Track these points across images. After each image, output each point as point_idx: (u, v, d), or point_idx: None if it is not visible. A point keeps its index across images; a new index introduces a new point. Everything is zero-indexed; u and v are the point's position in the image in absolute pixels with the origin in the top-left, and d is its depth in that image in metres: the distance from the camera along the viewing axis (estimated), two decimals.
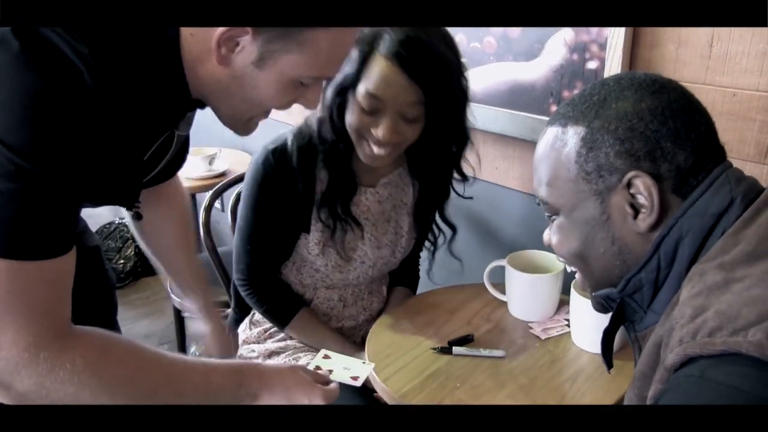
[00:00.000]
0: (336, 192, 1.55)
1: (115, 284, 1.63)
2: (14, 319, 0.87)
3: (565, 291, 1.52)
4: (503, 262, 1.58)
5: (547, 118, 1.74)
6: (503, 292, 1.61)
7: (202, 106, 1.07)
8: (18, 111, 0.82)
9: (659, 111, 0.84)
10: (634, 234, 0.86)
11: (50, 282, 0.90)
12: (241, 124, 1.07)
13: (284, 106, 1.03)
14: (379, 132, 1.41)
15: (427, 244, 1.78)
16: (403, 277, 1.84)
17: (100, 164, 0.95)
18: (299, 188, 1.53)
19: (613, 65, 1.61)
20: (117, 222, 3.74)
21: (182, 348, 2.64)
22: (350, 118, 1.43)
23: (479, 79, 1.94)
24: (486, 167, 2.06)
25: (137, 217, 1.33)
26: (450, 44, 1.42)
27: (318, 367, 1.23)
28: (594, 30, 1.64)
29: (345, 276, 1.65)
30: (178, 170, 1.42)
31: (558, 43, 1.73)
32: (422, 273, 1.89)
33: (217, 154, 2.81)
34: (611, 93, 0.87)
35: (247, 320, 1.80)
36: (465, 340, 1.47)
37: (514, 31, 1.81)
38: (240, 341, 1.79)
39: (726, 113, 1.49)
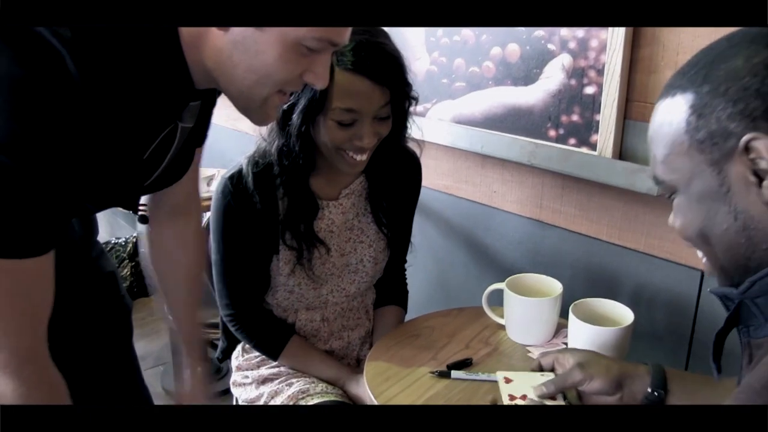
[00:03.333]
0: (297, 216, 1.56)
1: (131, 308, 1.60)
2: None
3: (564, 315, 1.52)
4: (502, 286, 1.58)
5: (545, 143, 1.78)
6: (502, 315, 1.61)
7: (208, 95, 1.04)
8: None
9: None
10: (760, 206, 0.76)
11: (21, 285, 0.87)
12: (256, 107, 1.02)
13: (293, 78, 0.98)
14: (362, 141, 1.43)
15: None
16: (390, 292, 1.83)
17: (91, 159, 0.90)
18: (261, 211, 1.53)
19: (611, 90, 1.63)
20: (113, 242, 3.73)
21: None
22: (325, 137, 1.44)
23: (478, 103, 1.95)
24: (484, 191, 2.07)
25: (143, 220, 1.30)
26: (387, 35, 1.45)
27: (512, 396, 1.23)
28: (592, 55, 1.65)
29: (319, 292, 1.64)
30: (186, 171, 1.31)
31: (556, 68, 1.74)
32: (421, 296, 1.89)
33: (215, 175, 2.81)
34: (720, 53, 0.78)
35: (239, 347, 1.79)
36: (463, 364, 1.47)
37: (513, 56, 1.83)
38: (233, 367, 1.78)
39: None
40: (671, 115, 0.82)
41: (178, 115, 1.08)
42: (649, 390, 1.14)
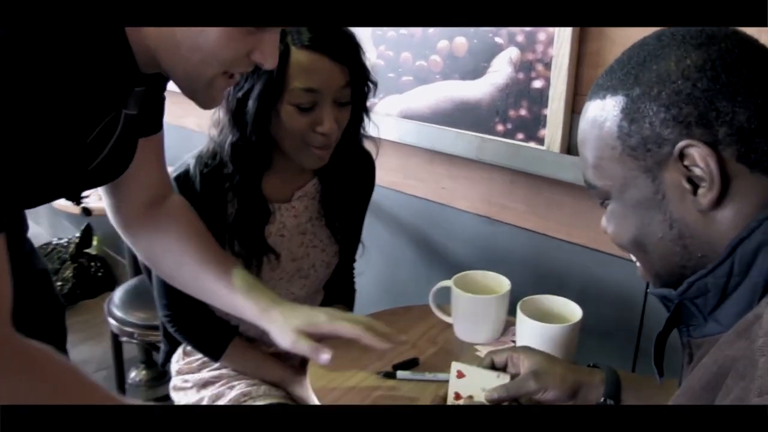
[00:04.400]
0: (247, 222, 1.49)
1: (65, 307, 1.52)
2: None
3: (512, 312, 1.49)
4: (449, 283, 1.55)
5: (492, 138, 1.76)
6: (449, 313, 1.58)
7: (155, 82, 0.99)
8: None
9: (708, 66, 0.72)
10: (696, 214, 0.75)
11: None
12: (201, 87, 0.96)
13: (239, 58, 0.94)
14: (326, 126, 1.37)
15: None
16: (337, 292, 1.78)
17: (30, 141, 0.85)
18: (207, 213, 1.44)
19: (559, 84, 1.61)
20: (54, 243, 3.64)
21: (120, 374, 2.56)
22: (287, 129, 1.38)
23: (425, 97, 1.92)
24: (432, 187, 2.05)
25: (86, 212, 1.23)
26: None
27: (457, 395, 1.19)
28: (539, 49, 1.63)
29: None
30: (130, 162, 1.20)
31: (504, 62, 1.72)
32: (370, 294, 1.86)
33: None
34: (650, 53, 0.77)
35: (180, 350, 1.73)
36: (410, 364, 1.44)
37: (460, 50, 1.80)
38: (173, 372, 1.71)
39: None
40: (602, 118, 0.79)
41: (122, 101, 1.02)
42: (602, 399, 1.11)
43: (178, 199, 1.38)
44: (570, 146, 1.67)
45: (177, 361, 1.72)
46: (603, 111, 0.79)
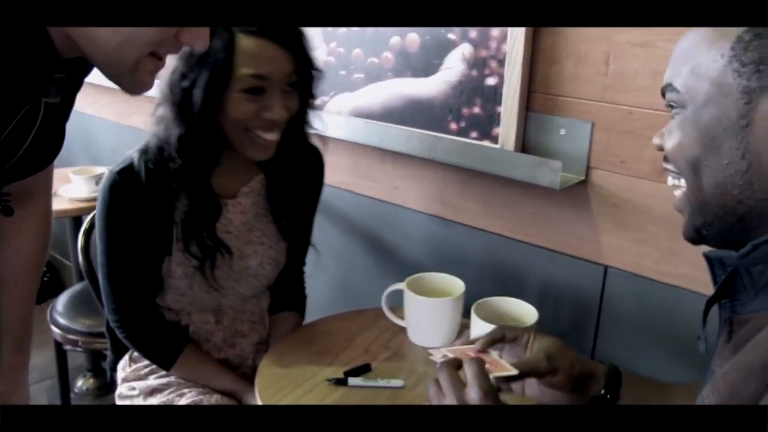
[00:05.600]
0: (198, 218, 1.46)
1: None
2: None
3: (467, 315, 1.47)
4: (402, 286, 1.52)
5: (446, 136, 1.72)
6: (402, 317, 1.55)
7: (77, 67, 0.94)
8: None
9: None
10: None
11: None
12: (126, 72, 0.89)
13: (166, 38, 0.87)
14: (273, 112, 1.36)
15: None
16: (287, 298, 1.74)
17: None
18: (153, 210, 1.42)
19: (513, 80, 1.58)
20: None
21: (65, 383, 2.47)
22: (233, 115, 1.35)
23: (377, 95, 1.89)
24: (385, 187, 2.02)
25: (7, 212, 1.15)
26: None
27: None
28: (493, 45, 1.61)
29: (213, 296, 1.54)
30: (54, 156, 1.15)
31: (457, 59, 1.68)
32: (322, 297, 1.83)
33: (105, 174, 2.66)
34: None
35: (126, 356, 1.67)
36: (362, 370, 1.40)
37: (413, 46, 1.76)
38: (119, 380, 1.66)
39: (623, 131, 1.49)
40: (717, 33, 0.75)
41: (42, 90, 0.95)
42: (602, 392, 1.09)
43: (42, 206, 1.34)
44: (524, 144, 1.65)
45: (123, 368, 1.66)
46: (722, 29, 0.75)
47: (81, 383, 2.77)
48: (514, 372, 1.04)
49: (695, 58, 0.76)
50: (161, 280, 1.51)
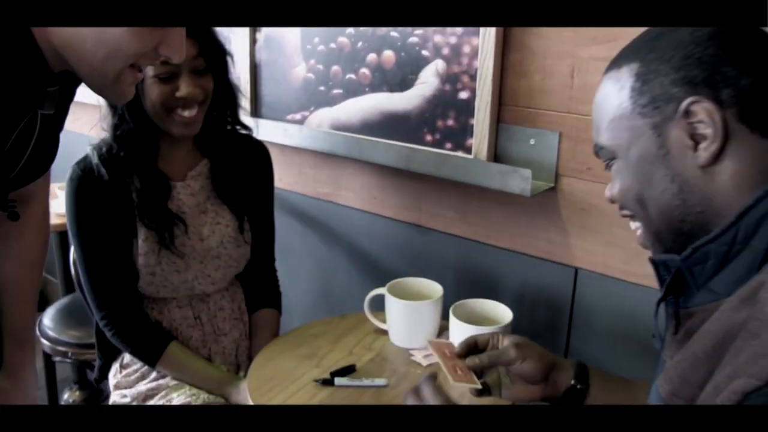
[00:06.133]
0: (151, 195, 1.59)
1: None
2: None
3: (445, 317, 1.53)
4: (383, 290, 1.59)
5: (422, 147, 1.80)
6: (384, 320, 1.61)
7: (67, 80, 0.99)
8: None
9: (718, 36, 0.79)
10: (695, 169, 0.80)
11: None
12: (109, 83, 0.96)
13: (147, 52, 0.94)
14: (183, 90, 1.50)
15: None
16: (262, 295, 1.82)
17: None
18: (112, 195, 1.56)
19: (484, 95, 1.66)
20: None
21: (53, 394, 2.51)
22: (151, 98, 1.51)
23: (355, 110, 1.96)
24: (364, 197, 2.08)
25: (13, 217, 1.21)
26: None
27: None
28: (465, 61, 1.69)
29: (184, 276, 1.62)
30: (50, 162, 1.22)
31: (430, 74, 1.76)
32: (305, 305, 1.88)
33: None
34: (666, 28, 0.83)
35: (117, 364, 1.73)
36: (347, 371, 1.46)
37: (388, 63, 1.84)
38: (111, 387, 1.72)
39: (589, 140, 1.52)
40: (617, 84, 0.86)
41: (38, 102, 1.02)
42: (572, 382, 1.16)
43: (40, 207, 1.40)
44: (497, 154, 1.72)
45: (114, 376, 1.72)
46: (618, 78, 0.86)
47: (68, 395, 2.80)
48: (477, 385, 1.14)
49: (607, 112, 0.87)
50: (134, 265, 1.59)
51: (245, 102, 1.68)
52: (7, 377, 1.38)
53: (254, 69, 2.20)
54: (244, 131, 1.73)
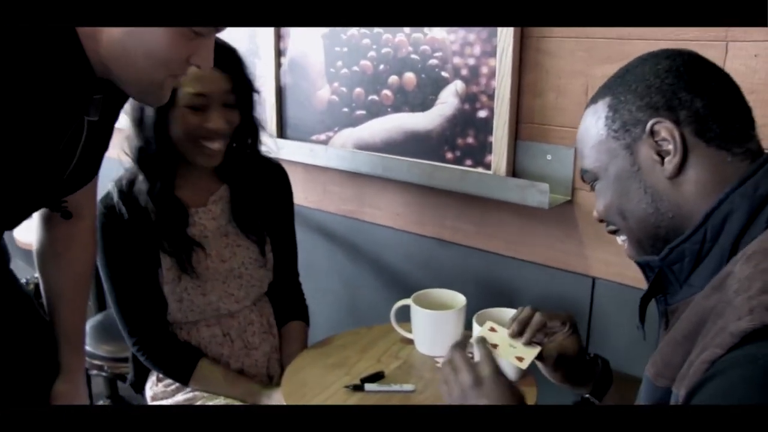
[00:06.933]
0: (169, 223, 1.63)
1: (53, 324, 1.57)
2: None
3: (468, 326, 1.58)
4: (408, 301, 1.63)
5: (443, 165, 1.87)
6: (409, 330, 1.66)
7: (110, 89, 1.06)
8: None
9: (674, 68, 0.93)
10: (664, 181, 0.92)
11: None
12: (155, 89, 1.06)
13: (181, 62, 1.03)
14: (211, 123, 1.55)
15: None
16: (289, 308, 1.86)
17: (5, 153, 0.92)
18: (134, 226, 1.60)
19: (502, 113, 1.74)
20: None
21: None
22: (179, 128, 1.55)
23: (378, 129, 2.04)
24: (388, 213, 2.14)
25: (66, 216, 1.29)
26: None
27: (483, 339, 1.22)
28: (483, 81, 1.76)
29: (208, 299, 1.68)
30: (99, 167, 1.34)
31: (450, 94, 1.84)
32: (331, 319, 1.90)
33: None
34: (632, 65, 0.98)
35: (153, 377, 1.79)
36: (376, 377, 1.52)
37: (410, 84, 1.92)
38: (148, 398, 1.78)
39: None
40: (595, 115, 0.99)
41: (84, 108, 1.10)
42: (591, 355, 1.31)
43: (89, 224, 1.48)
44: (515, 170, 1.79)
45: (151, 387, 1.79)
46: (595, 110, 0.99)
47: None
48: (525, 364, 1.24)
49: (588, 140, 1.00)
50: (161, 293, 1.65)
51: (266, 137, 1.73)
52: (66, 381, 1.46)
53: (279, 92, 2.28)
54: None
